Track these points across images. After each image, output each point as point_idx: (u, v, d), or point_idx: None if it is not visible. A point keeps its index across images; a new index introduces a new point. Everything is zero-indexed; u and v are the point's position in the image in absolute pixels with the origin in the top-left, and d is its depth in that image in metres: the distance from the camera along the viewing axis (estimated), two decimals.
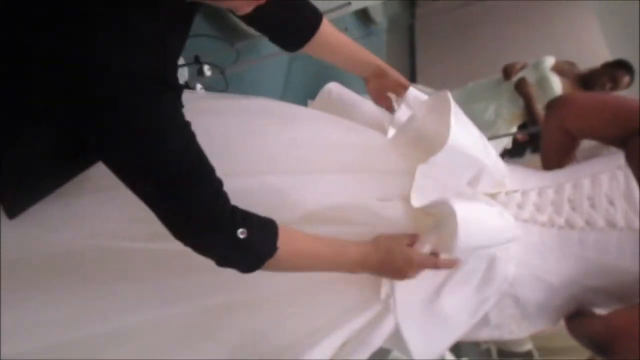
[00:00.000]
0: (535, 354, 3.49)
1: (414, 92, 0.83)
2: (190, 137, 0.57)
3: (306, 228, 0.70)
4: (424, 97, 0.83)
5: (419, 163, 0.74)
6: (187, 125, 0.57)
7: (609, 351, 0.75)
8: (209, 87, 1.92)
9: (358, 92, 0.93)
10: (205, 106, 0.85)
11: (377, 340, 0.77)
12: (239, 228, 0.59)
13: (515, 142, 2.93)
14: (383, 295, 0.75)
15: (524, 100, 2.63)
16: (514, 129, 2.90)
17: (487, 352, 3.70)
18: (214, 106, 0.85)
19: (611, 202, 0.77)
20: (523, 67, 2.81)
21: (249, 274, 0.65)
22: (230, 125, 0.79)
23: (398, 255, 0.70)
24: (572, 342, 0.81)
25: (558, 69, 2.67)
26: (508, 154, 3.15)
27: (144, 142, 0.53)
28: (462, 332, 0.83)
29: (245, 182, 0.70)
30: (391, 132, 0.81)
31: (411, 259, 0.70)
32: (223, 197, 0.59)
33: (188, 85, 1.83)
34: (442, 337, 0.80)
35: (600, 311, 0.82)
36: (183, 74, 1.89)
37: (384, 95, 0.87)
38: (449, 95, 0.75)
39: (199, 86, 1.89)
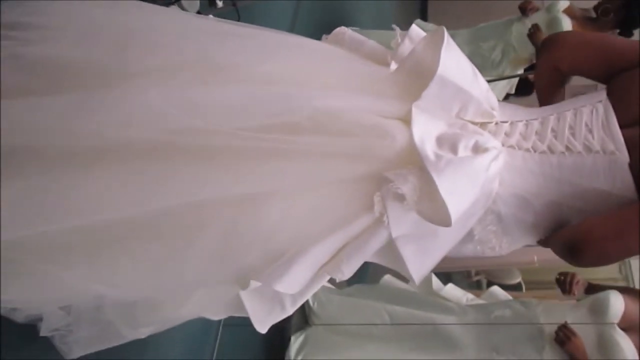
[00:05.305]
0: (524, 287, 3.69)
1: (416, 29, 0.91)
2: None
3: (301, 135, 0.79)
4: (424, 33, 0.92)
5: (417, 91, 0.82)
6: None
7: (577, 254, 0.85)
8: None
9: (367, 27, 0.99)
10: (224, 29, 0.94)
11: (371, 248, 0.85)
12: None
13: (523, 80, 2.98)
14: (377, 213, 0.82)
15: (537, 49, 2.65)
16: (520, 72, 2.93)
17: (478, 283, 3.91)
18: (231, 31, 0.94)
19: (590, 131, 0.86)
20: (538, 9, 2.79)
21: (259, 170, 0.78)
22: (240, 45, 0.87)
23: None
24: None
25: (570, 12, 2.67)
26: (514, 96, 3.18)
27: None
28: (451, 245, 0.93)
29: (249, 89, 0.79)
30: (393, 65, 0.90)
31: None
32: None
33: None
34: (434, 250, 0.90)
35: None
36: (194, 5, 1.91)
37: None
38: (445, 30, 0.83)
39: (210, 17, 1.92)
